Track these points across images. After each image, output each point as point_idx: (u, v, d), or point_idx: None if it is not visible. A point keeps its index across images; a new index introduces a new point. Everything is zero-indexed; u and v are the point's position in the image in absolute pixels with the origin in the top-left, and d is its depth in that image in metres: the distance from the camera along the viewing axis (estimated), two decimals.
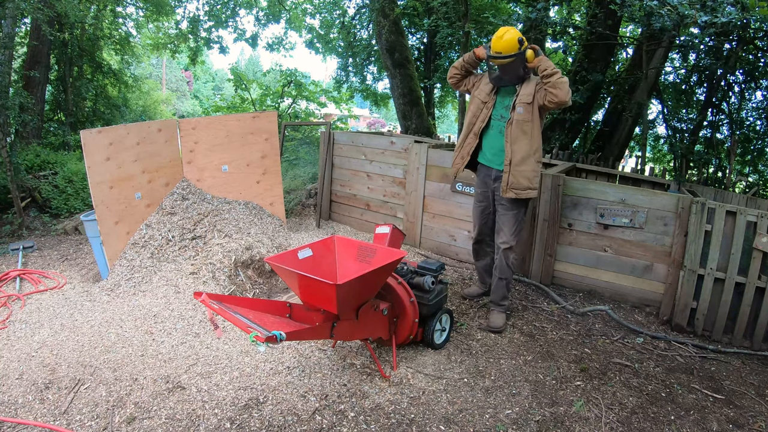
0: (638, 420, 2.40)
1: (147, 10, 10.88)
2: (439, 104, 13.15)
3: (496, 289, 3.29)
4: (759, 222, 3.15)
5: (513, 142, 3.06)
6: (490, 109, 3.16)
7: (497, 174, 3.21)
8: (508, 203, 3.17)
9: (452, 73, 3.33)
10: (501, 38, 2.94)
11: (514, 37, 2.92)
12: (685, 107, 6.88)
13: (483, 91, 3.19)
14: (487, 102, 3.16)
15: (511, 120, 3.06)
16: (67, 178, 5.98)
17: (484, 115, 3.18)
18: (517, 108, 3.02)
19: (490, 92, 3.16)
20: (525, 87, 3.04)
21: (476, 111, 3.22)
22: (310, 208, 6.09)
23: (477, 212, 3.45)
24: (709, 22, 3.74)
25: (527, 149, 3.06)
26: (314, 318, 2.27)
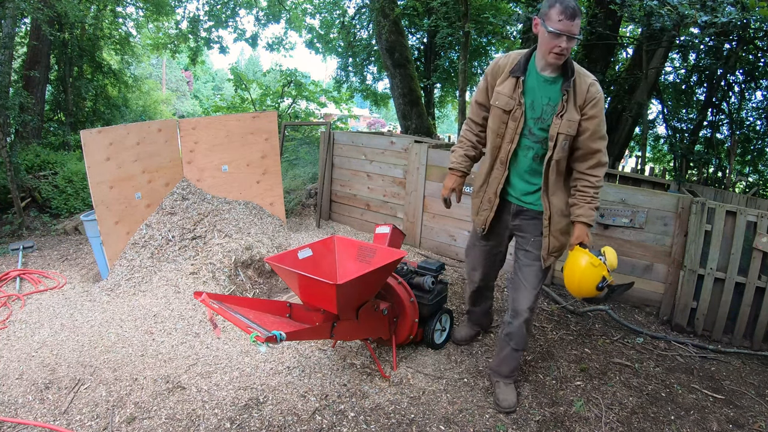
0: (638, 420, 2.40)
1: (147, 10, 10.87)
2: (439, 104, 13.14)
3: (506, 360, 2.45)
4: (759, 222, 3.15)
5: (552, 192, 2.24)
6: (519, 122, 2.19)
7: (518, 209, 2.35)
8: (536, 251, 2.34)
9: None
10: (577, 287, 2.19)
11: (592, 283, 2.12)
12: (685, 107, 6.87)
13: (504, 93, 2.21)
14: (513, 110, 2.19)
15: (550, 158, 2.17)
16: (67, 178, 5.98)
17: (511, 131, 2.22)
18: (560, 141, 2.13)
19: (514, 91, 2.18)
20: (570, 102, 2.12)
21: (499, 125, 2.25)
22: (310, 208, 6.09)
23: (481, 253, 2.58)
24: (709, 22, 3.74)
25: (564, 194, 2.28)
26: (314, 318, 2.27)
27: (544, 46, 2.05)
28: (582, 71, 2.15)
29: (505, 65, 2.25)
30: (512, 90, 2.20)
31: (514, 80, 2.20)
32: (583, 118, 2.13)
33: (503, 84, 2.24)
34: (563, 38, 1.99)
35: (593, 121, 2.13)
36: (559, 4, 1.97)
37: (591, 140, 2.15)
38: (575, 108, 2.12)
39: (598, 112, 2.13)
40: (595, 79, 2.15)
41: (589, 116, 2.13)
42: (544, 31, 2.03)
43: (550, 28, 1.99)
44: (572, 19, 1.96)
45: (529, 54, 2.20)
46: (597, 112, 2.12)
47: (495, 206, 2.37)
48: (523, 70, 2.18)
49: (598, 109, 2.13)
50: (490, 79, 2.29)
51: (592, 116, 2.13)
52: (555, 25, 1.98)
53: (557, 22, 1.98)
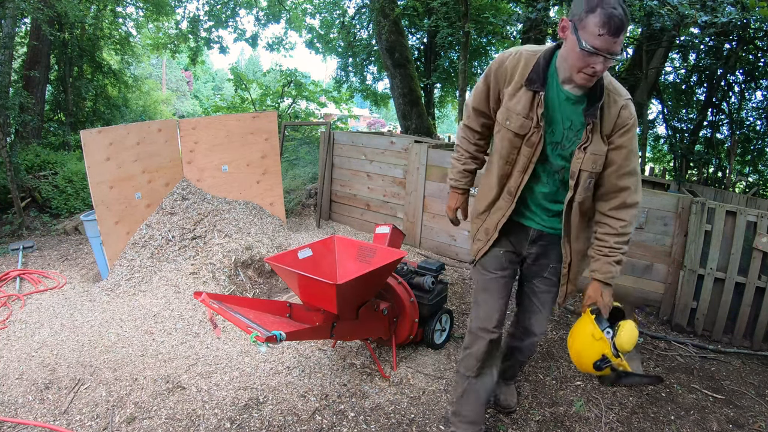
0: (638, 420, 2.40)
1: (147, 10, 10.88)
2: (439, 104, 13.15)
3: (511, 368, 2.32)
4: (759, 222, 3.15)
5: (575, 237, 1.85)
6: (536, 149, 1.74)
7: (537, 234, 1.93)
8: (554, 277, 1.99)
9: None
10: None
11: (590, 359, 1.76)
12: (685, 107, 6.88)
13: (517, 111, 1.72)
14: (530, 135, 1.72)
15: (572, 200, 1.76)
16: (67, 178, 5.98)
17: (524, 160, 1.77)
18: (584, 179, 1.71)
19: (531, 109, 1.70)
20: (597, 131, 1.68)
21: (509, 150, 1.79)
22: (310, 208, 6.09)
23: (495, 286, 1.98)
24: (709, 22, 3.74)
25: (589, 235, 1.91)
26: (314, 318, 2.27)
27: (573, 61, 1.55)
28: (614, 88, 1.69)
29: (515, 69, 1.71)
30: (528, 107, 1.69)
31: (530, 94, 1.68)
32: (609, 148, 1.70)
33: (515, 97, 1.72)
34: (600, 58, 1.49)
35: (621, 152, 1.70)
36: (602, 12, 1.44)
37: (616, 176, 1.72)
38: (602, 138, 1.68)
39: (628, 142, 1.70)
40: (628, 98, 1.71)
41: (617, 146, 1.69)
42: (574, 42, 1.51)
43: (584, 44, 1.48)
44: (616, 34, 1.45)
45: (550, 56, 1.68)
46: (626, 142, 1.70)
47: (492, 240, 1.93)
48: (542, 81, 1.66)
49: (628, 138, 1.70)
50: (493, 83, 1.80)
51: (619, 146, 1.69)
52: (592, 40, 1.47)
53: (596, 37, 1.46)
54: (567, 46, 1.58)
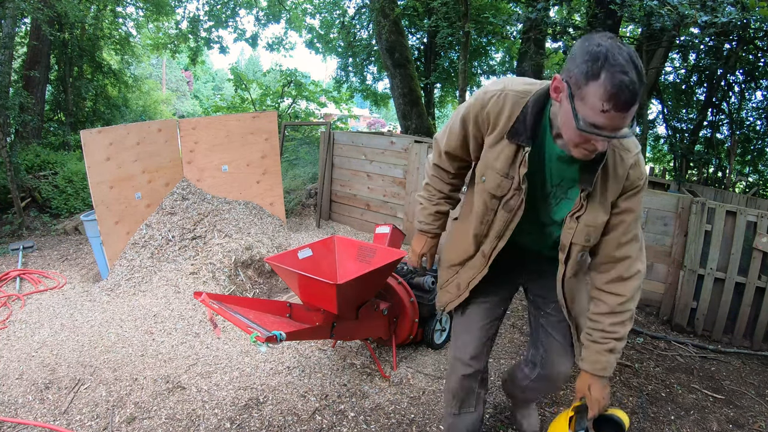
0: (638, 420, 2.39)
1: (147, 10, 10.88)
2: (439, 104, 13.15)
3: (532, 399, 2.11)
4: (759, 222, 3.15)
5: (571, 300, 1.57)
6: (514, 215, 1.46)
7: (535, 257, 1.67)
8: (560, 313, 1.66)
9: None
10: None
11: None
12: (685, 107, 6.88)
13: (496, 168, 1.42)
14: (509, 197, 1.43)
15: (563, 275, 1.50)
16: (67, 178, 5.98)
17: (500, 224, 1.49)
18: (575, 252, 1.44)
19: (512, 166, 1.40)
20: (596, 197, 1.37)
21: (484, 211, 1.51)
22: (310, 208, 6.09)
23: (479, 314, 1.71)
24: (709, 22, 3.74)
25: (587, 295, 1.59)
26: (314, 318, 2.27)
27: (568, 135, 1.21)
28: (621, 142, 1.33)
29: (499, 115, 1.37)
30: (509, 164, 1.39)
31: (514, 147, 1.37)
32: (613, 212, 1.39)
33: (495, 148, 1.40)
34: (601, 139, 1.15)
35: (625, 218, 1.39)
36: (609, 79, 1.07)
37: (615, 245, 1.42)
38: (601, 205, 1.36)
39: (635, 205, 1.39)
40: (638, 152, 1.37)
41: (621, 210, 1.39)
42: (569, 114, 1.15)
43: (581, 123, 1.13)
44: (626, 108, 1.09)
45: (542, 103, 1.32)
46: (633, 205, 1.39)
47: (463, 298, 1.67)
48: (530, 134, 1.33)
49: (636, 201, 1.39)
50: (473, 128, 1.45)
51: (625, 210, 1.39)
52: (593, 116, 1.11)
53: (598, 113, 1.10)
54: (561, 111, 1.21)
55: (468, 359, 1.70)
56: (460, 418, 1.80)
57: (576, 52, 1.15)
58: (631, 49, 1.11)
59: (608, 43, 1.10)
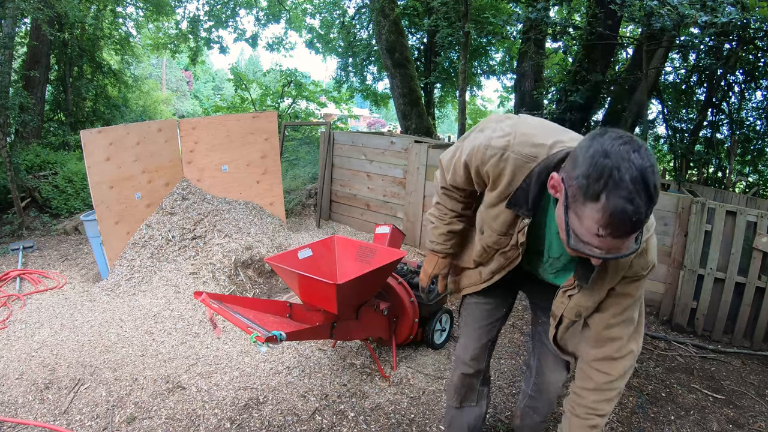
0: (638, 420, 2.39)
1: (147, 10, 10.88)
2: (439, 104, 13.16)
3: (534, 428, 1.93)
4: (759, 222, 3.15)
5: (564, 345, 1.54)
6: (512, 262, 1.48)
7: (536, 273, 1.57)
8: None
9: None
10: None
11: None
12: (685, 107, 6.88)
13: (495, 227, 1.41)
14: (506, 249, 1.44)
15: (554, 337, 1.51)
16: (67, 178, 5.98)
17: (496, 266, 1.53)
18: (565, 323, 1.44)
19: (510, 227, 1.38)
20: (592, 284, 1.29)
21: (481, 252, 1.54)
22: (310, 208, 6.09)
23: (478, 315, 1.72)
24: (709, 22, 3.74)
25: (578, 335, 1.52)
26: (314, 318, 2.27)
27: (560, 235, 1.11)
28: None
29: (497, 177, 1.30)
30: (507, 227, 1.36)
31: (512, 215, 1.33)
32: (610, 295, 1.31)
33: (493, 209, 1.37)
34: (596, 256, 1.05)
35: (621, 301, 1.31)
36: (608, 206, 0.94)
37: (605, 325, 1.34)
38: (598, 290, 1.29)
39: (634, 291, 1.29)
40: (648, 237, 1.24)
41: (618, 293, 1.30)
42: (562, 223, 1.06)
43: (572, 241, 1.05)
44: (625, 236, 0.98)
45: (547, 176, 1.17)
46: (631, 291, 1.29)
47: (455, 296, 1.79)
48: (531, 208, 1.27)
49: (635, 287, 1.29)
50: (474, 176, 1.40)
51: (621, 294, 1.30)
52: (587, 236, 1.01)
53: (592, 236, 1.00)
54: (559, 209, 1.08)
55: (468, 360, 1.73)
56: (462, 411, 1.83)
57: (579, 155, 1.01)
58: (645, 162, 0.93)
59: (617, 152, 0.94)
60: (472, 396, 1.81)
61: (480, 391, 1.83)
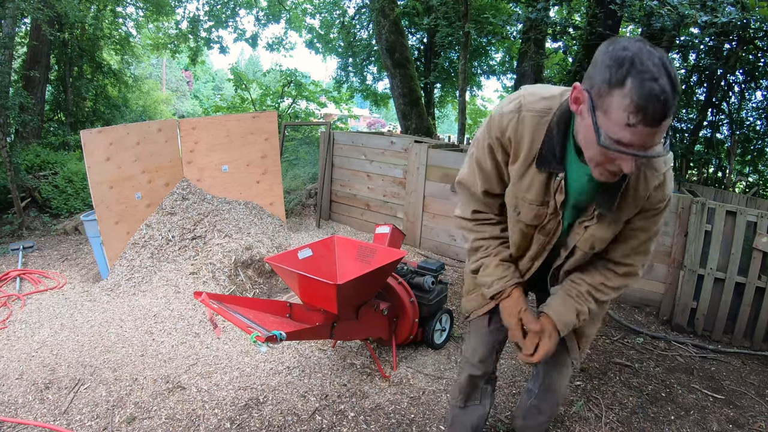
0: (638, 420, 2.39)
1: (147, 10, 10.88)
2: (439, 104, 13.16)
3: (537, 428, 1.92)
4: (759, 222, 3.15)
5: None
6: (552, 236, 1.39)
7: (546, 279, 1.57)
8: None
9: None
10: None
11: None
12: (685, 107, 6.87)
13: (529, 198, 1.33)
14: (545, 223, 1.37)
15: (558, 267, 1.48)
16: (67, 178, 5.98)
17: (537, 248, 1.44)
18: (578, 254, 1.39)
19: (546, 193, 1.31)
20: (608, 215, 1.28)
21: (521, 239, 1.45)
22: (310, 208, 6.09)
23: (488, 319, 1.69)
24: (709, 22, 3.74)
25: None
26: (314, 318, 2.27)
27: (588, 151, 1.09)
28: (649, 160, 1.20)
29: (520, 140, 1.26)
30: (543, 192, 1.29)
31: (544, 176, 1.27)
32: (626, 226, 1.32)
33: (524, 179, 1.30)
34: (627, 158, 1.01)
35: (639, 235, 1.33)
36: (636, 87, 0.93)
37: (622, 254, 1.37)
38: (615, 223, 1.29)
39: (652, 225, 1.32)
40: (666, 170, 1.26)
41: (636, 227, 1.32)
42: (590, 129, 1.03)
43: (602, 139, 1.00)
44: (655, 123, 0.94)
45: (566, 120, 1.20)
46: (650, 225, 1.32)
47: (487, 308, 1.64)
48: (560, 159, 1.22)
49: (652, 222, 1.32)
50: (501, 155, 1.34)
51: (639, 228, 1.32)
52: (617, 131, 0.98)
53: (623, 128, 0.97)
54: (582, 125, 1.08)
55: (477, 362, 1.74)
56: (465, 411, 1.84)
57: (598, 58, 1.01)
58: (663, 54, 0.96)
59: (636, 47, 0.96)
60: (476, 395, 1.83)
61: (484, 390, 1.84)
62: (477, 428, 1.87)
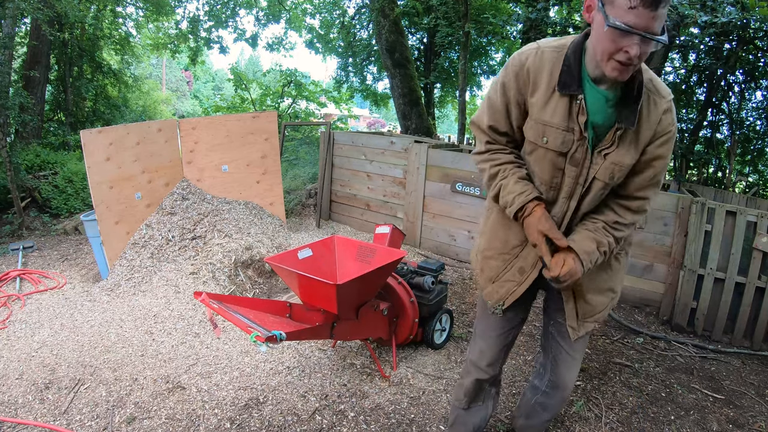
0: (638, 420, 2.39)
1: (147, 10, 10.88)
2: (439, 104, 13.16)
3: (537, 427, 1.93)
4: (759, 222, 3.14)
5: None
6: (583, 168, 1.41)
7: None
8: None
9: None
10: None
11: None
12: (685, 107, 6.88)
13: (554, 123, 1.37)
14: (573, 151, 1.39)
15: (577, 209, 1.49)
16: (67, 178, 5.98)
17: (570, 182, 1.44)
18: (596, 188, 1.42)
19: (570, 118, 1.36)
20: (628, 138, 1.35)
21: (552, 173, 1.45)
22: (310, 208, 6.09)
23: (496, 322, 1.70)
24: (709, 22, 3.74)
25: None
26: (314, 318, 2.27)
27: (602, 46, 1.21)
28: (654, 87, 1.35)
29: (540, 71, 1.36)
30: (567, 116, 1.35)
31: (567, 100, 1.34)
32: (642, 158, 1.38)
33: (548, 107, 1.36)
34: (634, 39, 1.15)
35: (655, 165, 1.39)
36: None
37: (637, 186, 1.43)
38: (634, 146, 1.35)
39: (666, 152, 1.39)
40: (671, 99, 1.39)
41: (653, 157, 1.38)
42: (601, 21, 1.18)
43: (612, 20, 1.15)
44: (654, 5, 1.11)
45: (580, 50, 1.33)
46: (665, 152, 1.38)
47: (529, 281, 1.56)
48: (579, 83, 1.32)
49: (667, 148, 1.39)
50: (515, 93, 1.41)
51: (656, 157, 1.38)
52: (622, 14, 1.14)
53: (626, 11, 1.13)
54: (594, 29, 1.25)
55: (485, 366, 1.75)
56: (469, 412, 1.86)
57: None
58: None
59: None
60: (480, 396, 1.84)
61: (488, 392, 1.85)
62: (479, 429, 1.88)
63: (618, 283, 1.65)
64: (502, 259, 1.60)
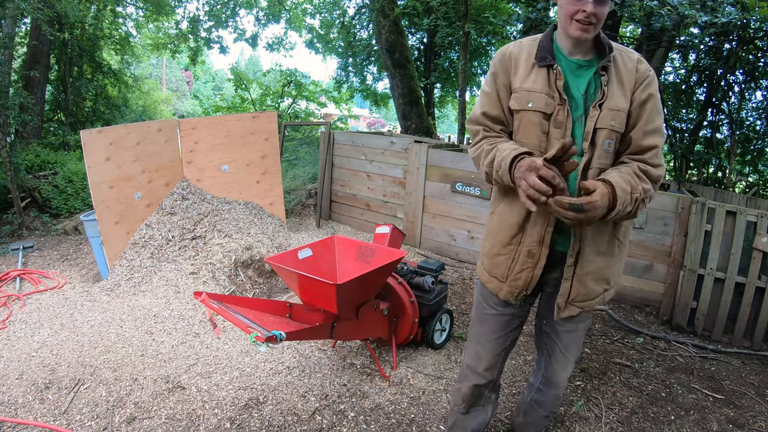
0: (638, 420, 2.40)
1: (147, 10, 10.88)
2: (439, 104, 13.16)
3: (534, 425, 1.95)
4: (759, 222, 3.15)
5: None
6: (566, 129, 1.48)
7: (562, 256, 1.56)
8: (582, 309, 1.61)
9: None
10: None
11: None
12: (685, 107, 6.88)
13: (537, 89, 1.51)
14: (555, 114, 1.49)
15: (587, 166, 1.48)
16: (67, 178, 5.98)
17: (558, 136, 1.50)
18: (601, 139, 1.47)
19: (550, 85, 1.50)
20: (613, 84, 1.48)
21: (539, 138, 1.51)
22: (310, 208, 6.09)
23: (495, 325, 1.70)
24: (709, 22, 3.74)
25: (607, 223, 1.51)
26: (314, 318, 2.27)
27: (563, 10, 1.45)
28: (623, 49, 1.55)
29: (520, 54, 1.56)
30: (547, 83, 1.49)
31: (545, 70, 1.50)
32: (633, 105, 1.48)
33: (528, 78, 1.52)
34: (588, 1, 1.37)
35: (645, 107, 1.47)
36: None
37: (642, 133, 1.48)
38: (622, 92, 1.47)
39: (653, 92, 1.49)
40: (641, 57, 1.55)
41: (641, 100, 1.48)
42: None
43: None
44: None
45: (550, 33, 1.58)
46: (652, 92, 1.49)
47: (542, 260, 1.53)
48: (552, 55, 1.52)
49: (652, 89, 1.49)
50: (502, 76, 1.57)
51: (644, 100, 1.47)
52: None
53: None
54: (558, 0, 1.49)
55: (482, 371, 1.74)
56: (468, 416, 1.85)
57: None
58: None
59: None
60: (479, 401, 1.83)
61: (488, 397, 1.84)
62: (480, 428, 1.87)
63: (613, 276, 1.61)
64: (508, 251, 1.60)
